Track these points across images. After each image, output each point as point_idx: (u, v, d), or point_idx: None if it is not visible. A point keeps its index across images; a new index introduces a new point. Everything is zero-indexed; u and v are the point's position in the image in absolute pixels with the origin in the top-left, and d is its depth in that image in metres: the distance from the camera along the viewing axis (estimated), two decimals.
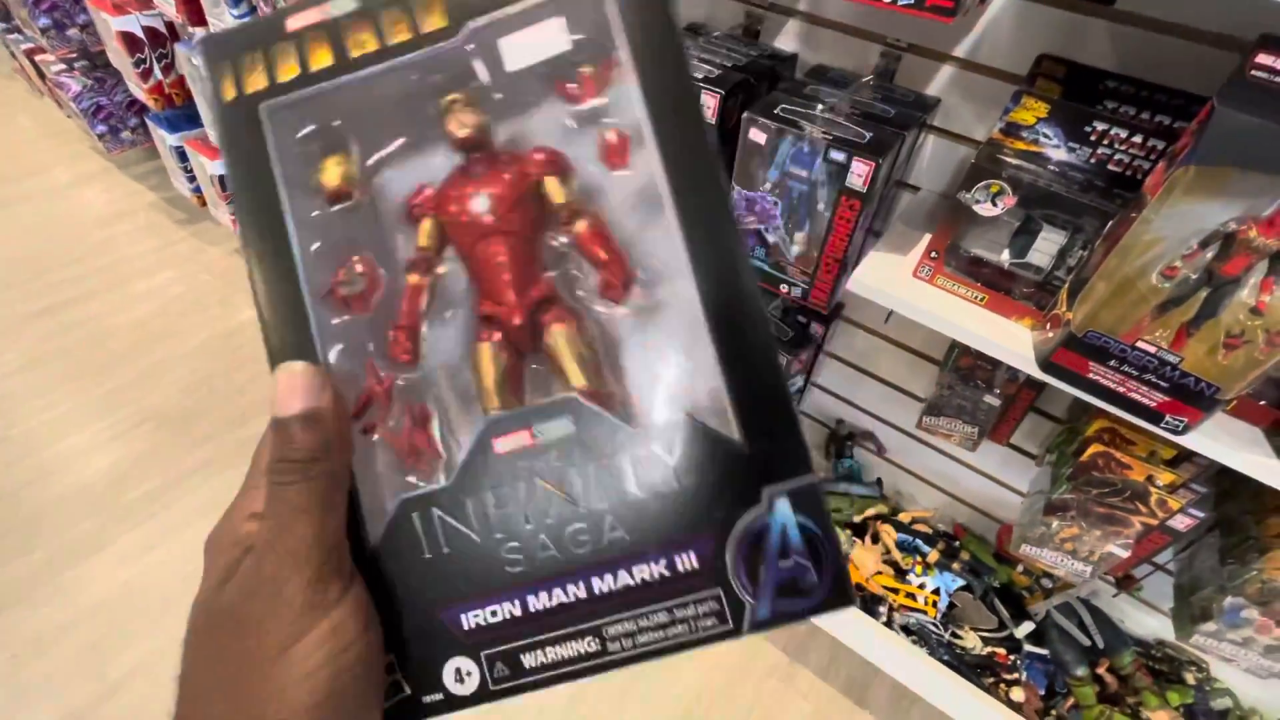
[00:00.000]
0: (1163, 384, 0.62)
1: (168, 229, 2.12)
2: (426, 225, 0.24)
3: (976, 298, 0.75)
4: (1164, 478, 0.75)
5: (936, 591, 1.11)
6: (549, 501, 0.23)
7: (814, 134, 0.76)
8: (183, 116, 1.80)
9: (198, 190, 1.94)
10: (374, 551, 0.24)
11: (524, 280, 0.24)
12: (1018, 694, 1.04)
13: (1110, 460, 0.78)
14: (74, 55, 2.10)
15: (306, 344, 0.24)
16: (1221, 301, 0.56)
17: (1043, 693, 1.05)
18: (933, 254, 0.75)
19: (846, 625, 1.07)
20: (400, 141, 0.24)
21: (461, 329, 0.24)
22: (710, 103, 0.83)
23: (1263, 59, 0.50)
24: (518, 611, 0.23)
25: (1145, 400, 0.63)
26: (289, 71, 0.22)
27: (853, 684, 1.30)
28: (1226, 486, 0.85)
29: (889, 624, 1.10)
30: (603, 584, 0.23)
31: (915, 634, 1.10)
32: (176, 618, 1.23)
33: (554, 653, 0.23)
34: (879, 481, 1.27)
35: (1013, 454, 1.08)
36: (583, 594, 0.23)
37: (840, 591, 0.23)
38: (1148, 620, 1.10)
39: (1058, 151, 0.69)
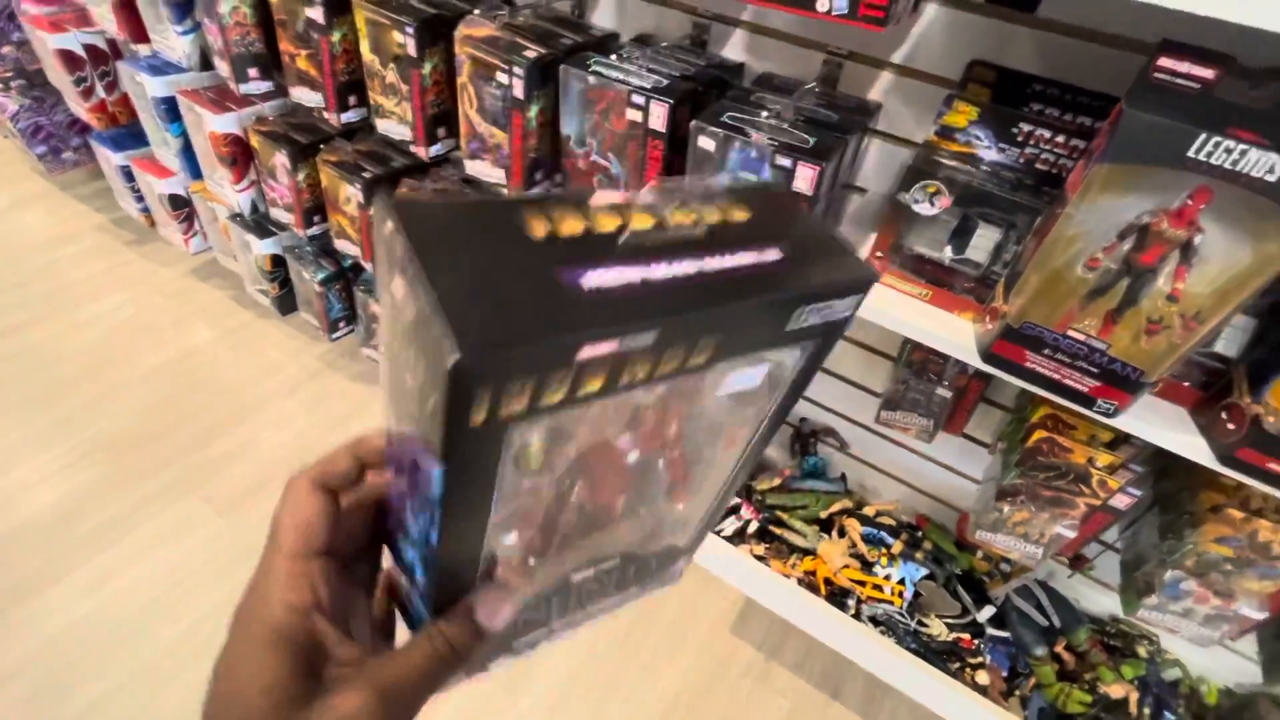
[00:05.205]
0: (1093, 370, 0.65)
1: (116, 251, 2.06)
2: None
3: (921, 294, 0.77)
4: (1103, 459, 0.79)
5: (902, 582, 1.14)
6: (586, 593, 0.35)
7: (760, 141, 0.78)
8: (128, 135, 1.75)
9: (146, 210, 1.89)
10: None
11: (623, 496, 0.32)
12: (983, 677, 1.07)
13: (1054, 445, 0.81)
14: (9, 74, 2.03)
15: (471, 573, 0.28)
16: (1141, 290, 0.60)
17: (1006, 674, 1.08)
18: (878, 253, 0.78)
19: (817, 619, 1.09)
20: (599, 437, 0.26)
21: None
22: (660, 111, 0.85)
23: (1164, 62, 0.54)
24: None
25: (1079, 386, 0.66)
26: (554, 397, 0.19)
27: (828, 677, 1.32)
28: (1164, 465, 0.89)
29: (857, 616, 1.12)
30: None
31: (883, 624, 1.12)
32: (135, 651, 1.18)
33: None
34: (843, 477, 1.29)
35: (967, 444, 1.12)
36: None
37: None
38: (1101, 598, 1.14)
39: (989, 152, 0.73)
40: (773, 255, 0.22)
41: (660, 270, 0.20)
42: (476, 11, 0.98)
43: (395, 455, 0.26)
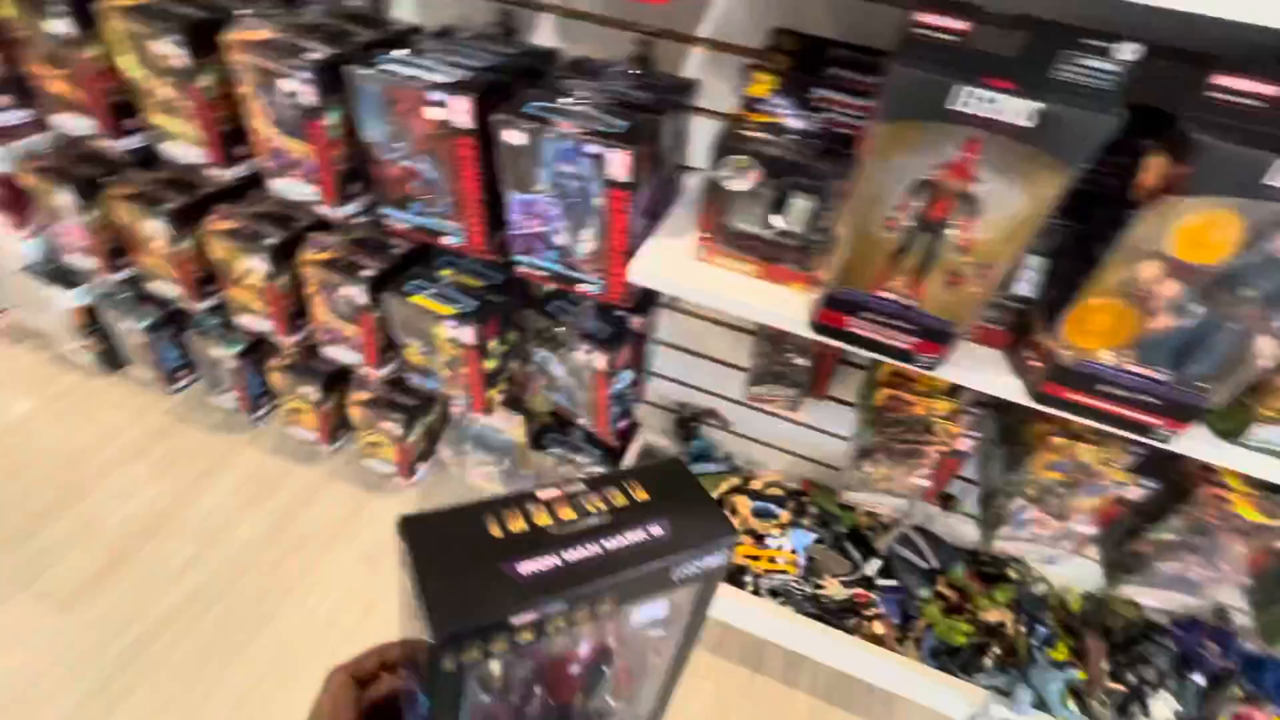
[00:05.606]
0: (910, 327, 0.66)
1: None
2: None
3: (750, 271, 0.76)
4: (942, 407, 0.82)
5: (794, 550, 1.15)
6: None
7: (567, 129, 0.74)
8: None
9: None
10: None
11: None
12: (879, 627, 1.11)
13: (899, 400, 0.83)
14: None
15: None
16: (937, 244, 0.61)
17: (898, 621, 1.12)
18: (704, 234, 0.76)
19: (719, 600, 1.08)
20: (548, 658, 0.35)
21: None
22: (462, 107, 0.79)
23: (923, 17, 0.54)
24: None
25: (900, 344, 0.67)
26: (500, 647, 0.29)
27: (747, 654, 1.33)
28: (1002, 402, 0.94)
29: (757, 591, 1.13)
30: None
31: (782, 595, 1.14)
32: None
33: None
34: (728, 456, 1.30)
35: (836, 405, 1.14)
36: None
37: None
38: (973, 532, 1.21)
39: (793, 120, 0.72)
40: (657, 530, 0.31)
41: (575, 553, 0.29)
42: (249, 12, 0.87)
43: (407, 670, 0.34)
